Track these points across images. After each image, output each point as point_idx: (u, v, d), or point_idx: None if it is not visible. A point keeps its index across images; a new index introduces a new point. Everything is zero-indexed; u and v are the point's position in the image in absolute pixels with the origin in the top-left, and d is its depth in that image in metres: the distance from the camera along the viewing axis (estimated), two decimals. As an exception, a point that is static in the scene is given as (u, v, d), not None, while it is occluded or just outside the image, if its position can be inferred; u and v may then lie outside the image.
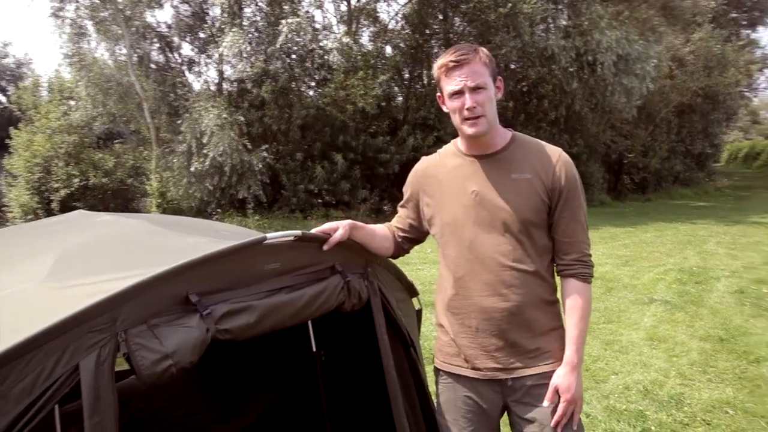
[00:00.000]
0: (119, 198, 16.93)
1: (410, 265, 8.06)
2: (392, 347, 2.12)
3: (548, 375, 1.75)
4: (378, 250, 2.01)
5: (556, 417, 1.70)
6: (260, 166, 12.79)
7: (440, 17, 16.20)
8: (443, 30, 15.90)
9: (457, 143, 1.88)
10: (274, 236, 1.64)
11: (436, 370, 1.96)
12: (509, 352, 1.77)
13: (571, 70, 15.10)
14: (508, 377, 1.78)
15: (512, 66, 16.10)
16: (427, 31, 15.94)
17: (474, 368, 1.81)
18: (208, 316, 1.46)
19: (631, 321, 5.64)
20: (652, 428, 3.44)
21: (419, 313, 2.50)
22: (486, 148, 1.79)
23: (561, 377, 1.72)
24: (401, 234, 2.03)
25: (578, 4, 15.12)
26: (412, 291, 2.43)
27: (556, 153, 1.78)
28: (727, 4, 23.81)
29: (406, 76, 17.08)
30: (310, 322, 2.50)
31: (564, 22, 15.23)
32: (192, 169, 12.54)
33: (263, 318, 1.58)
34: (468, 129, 1.72)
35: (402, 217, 2.03)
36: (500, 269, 1.74)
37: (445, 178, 1.85)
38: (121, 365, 1.40)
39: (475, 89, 1.67)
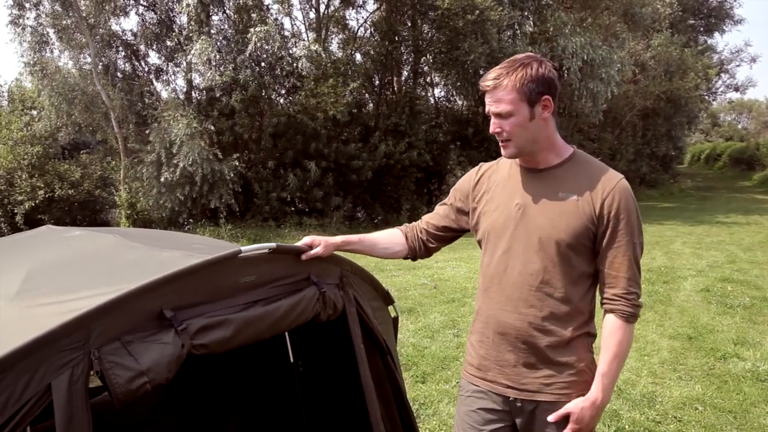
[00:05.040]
0: (86, 210, 16.54)
1: (385, 272, 8.07)
2: (369, 356, 2.12)
3: (560, 406, 1.66)
4: (384, 255, 1.98)
5: None
6: (231, 175, 12.69)
7: (409, 24, 16.33)
8: (412, 37, 16.01)
9: None
10: (248, 249, 1.63)
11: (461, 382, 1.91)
12: (522, 372, 1.70)
13: (538, 75, 15.32)
14: (518, 397, 1.71)
15: (481, 72, 16.28)
16: (396, 38, 16.03)
17: (486, 380, 1.77)
18: (183, 332, 1.44)
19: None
20: (626, 427, 3.50)
21: (395, 320, 2.49)
22: (537, 164, 1.73)
23: (578, 407, 1.63)
24: (432, 231, 1.95)
25: (543, 11, 15.43)
26: (387, 299, 2.44)
27: (613, 179, 1.66)
28: (684, 11, 24.62)
29: (377, 82, 17.14)
30: (287, 334, 2.49)
31: (530, 29, 15.50)
32: (162, 179, 12.37)
33: (239, 331, 1.57)
34: (502, 150, 1.71)
35: (440, 215, 1.95)
36: (525, 287, 1.68)
37: (496, 186, 1.80)
38: (94, 381, 1.37)
39: (498, 115, 1.63)
